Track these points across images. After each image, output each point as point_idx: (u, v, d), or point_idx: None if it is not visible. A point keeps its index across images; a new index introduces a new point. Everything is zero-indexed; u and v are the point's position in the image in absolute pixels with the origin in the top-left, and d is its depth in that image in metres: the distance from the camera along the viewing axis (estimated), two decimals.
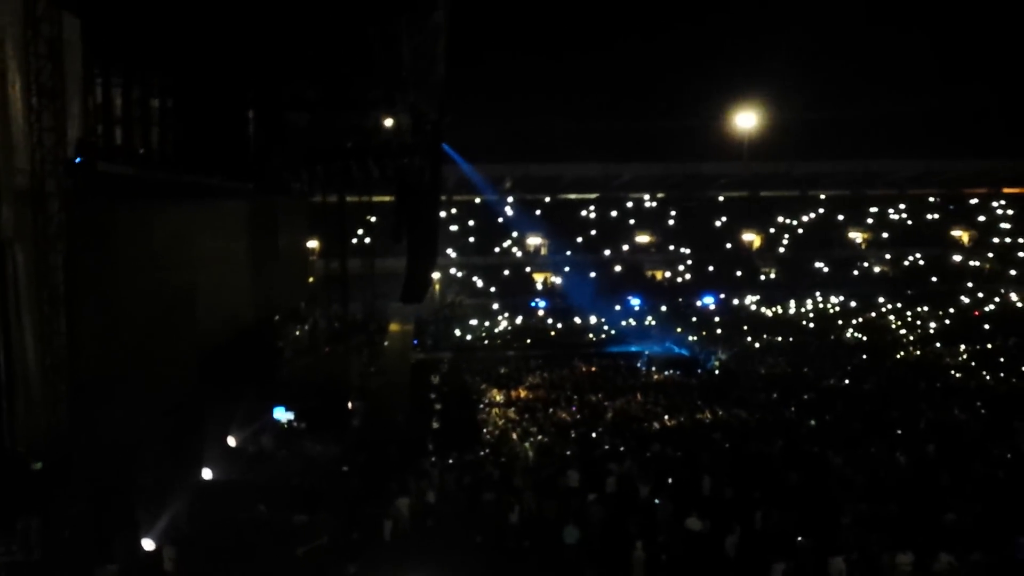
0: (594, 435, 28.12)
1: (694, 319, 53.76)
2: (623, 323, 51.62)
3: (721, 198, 63.90)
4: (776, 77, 55.30)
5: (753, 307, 58.44)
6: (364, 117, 29.65)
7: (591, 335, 50.94)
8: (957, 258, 64.75)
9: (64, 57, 16.38)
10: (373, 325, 42.17)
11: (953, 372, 39.49)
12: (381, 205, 43.30)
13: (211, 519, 17.21)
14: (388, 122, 30.11)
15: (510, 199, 59.40)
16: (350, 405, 29.30)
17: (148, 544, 15.87)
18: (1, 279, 15.91)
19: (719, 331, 50.51)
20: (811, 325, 53.96)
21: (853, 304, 58.11)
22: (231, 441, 24.15)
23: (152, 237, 20.34)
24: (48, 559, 13.74)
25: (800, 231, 63.93)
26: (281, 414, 26.85)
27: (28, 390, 16.09)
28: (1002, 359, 42.21)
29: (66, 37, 16.54)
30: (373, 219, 46.67)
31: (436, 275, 50.01)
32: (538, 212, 60.26)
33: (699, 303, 57.77)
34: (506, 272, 59.18)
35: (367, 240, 46.00)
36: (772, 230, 63.97)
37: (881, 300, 58.34)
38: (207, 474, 21.24)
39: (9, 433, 15.86)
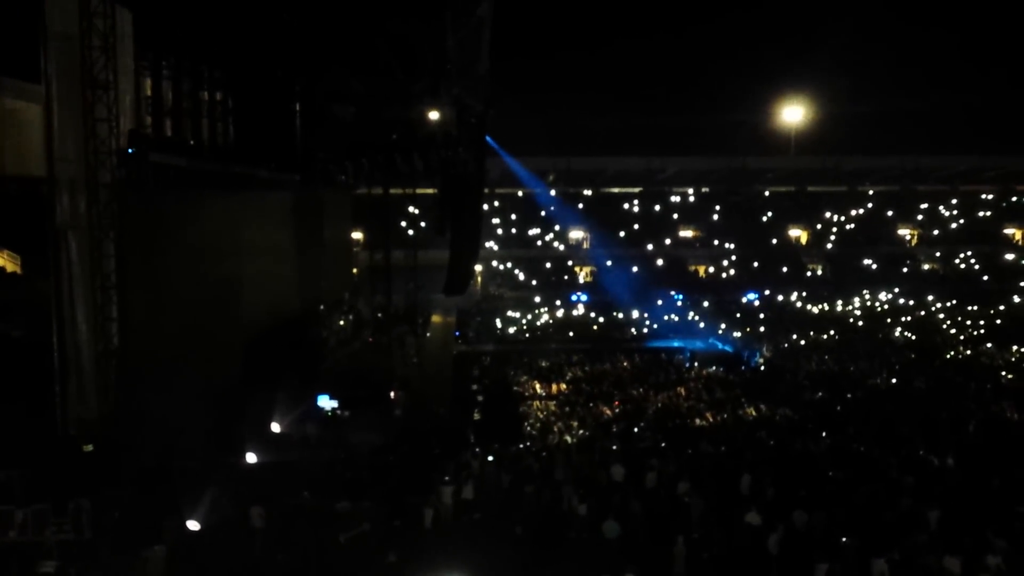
0: (635, 430, 27.99)
1: (738, 315, 53.12)
2: (665, 318, 51.22)
3: (767, 193, 62.91)
4: (823, 70, 54.41)
5: (799, 304, 57.56)
6: (409, 110, 29.77)
7: (633, 330, 50.68)
8: (1010, 256, 63.04)
9: (116, 50, 16.75)
10: (420, 318, 42.43)
11: (1004, 373, 38.52)
12: (425, 197, 43.48)
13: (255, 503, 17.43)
14: (433, 115, 30.18)
15: (553, 192, 59.22)
16: (392, 395, 29.53)
17: (194, 526, 16.15)
18: (56, 267, 16.36)
19: (763, 328, 49.87)
20: (859, 323, 53.00)
21: (902, 302, 56.96)
22: (275, 427, 24.50)
23: (201, 227, 20.74)
24: (99, 539, 14.11)
25: (848, 227, 62.76)
26: (325, 402, 27.18)
27: (80, 375, 16.54)
28: None
29: (118, 30, 16.90)
30: (417, 211, 46.91)
31: (478, 267, 50.12)
32: (581, 205, 59.93)
33: (743, 299, 57.03)
34: (548, 265, 59.04)
35: (411, 232, 46.25)
36: (819, 226, 62.91)
37: (931, 298, 57.03)
38: (251, 459, 21.58)
39: (62, 416, 16.32)
